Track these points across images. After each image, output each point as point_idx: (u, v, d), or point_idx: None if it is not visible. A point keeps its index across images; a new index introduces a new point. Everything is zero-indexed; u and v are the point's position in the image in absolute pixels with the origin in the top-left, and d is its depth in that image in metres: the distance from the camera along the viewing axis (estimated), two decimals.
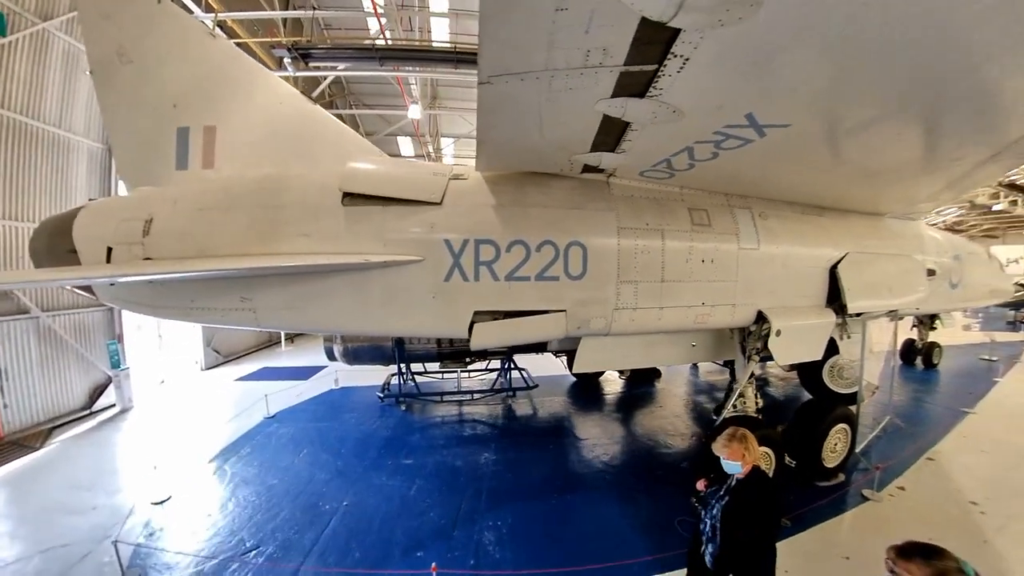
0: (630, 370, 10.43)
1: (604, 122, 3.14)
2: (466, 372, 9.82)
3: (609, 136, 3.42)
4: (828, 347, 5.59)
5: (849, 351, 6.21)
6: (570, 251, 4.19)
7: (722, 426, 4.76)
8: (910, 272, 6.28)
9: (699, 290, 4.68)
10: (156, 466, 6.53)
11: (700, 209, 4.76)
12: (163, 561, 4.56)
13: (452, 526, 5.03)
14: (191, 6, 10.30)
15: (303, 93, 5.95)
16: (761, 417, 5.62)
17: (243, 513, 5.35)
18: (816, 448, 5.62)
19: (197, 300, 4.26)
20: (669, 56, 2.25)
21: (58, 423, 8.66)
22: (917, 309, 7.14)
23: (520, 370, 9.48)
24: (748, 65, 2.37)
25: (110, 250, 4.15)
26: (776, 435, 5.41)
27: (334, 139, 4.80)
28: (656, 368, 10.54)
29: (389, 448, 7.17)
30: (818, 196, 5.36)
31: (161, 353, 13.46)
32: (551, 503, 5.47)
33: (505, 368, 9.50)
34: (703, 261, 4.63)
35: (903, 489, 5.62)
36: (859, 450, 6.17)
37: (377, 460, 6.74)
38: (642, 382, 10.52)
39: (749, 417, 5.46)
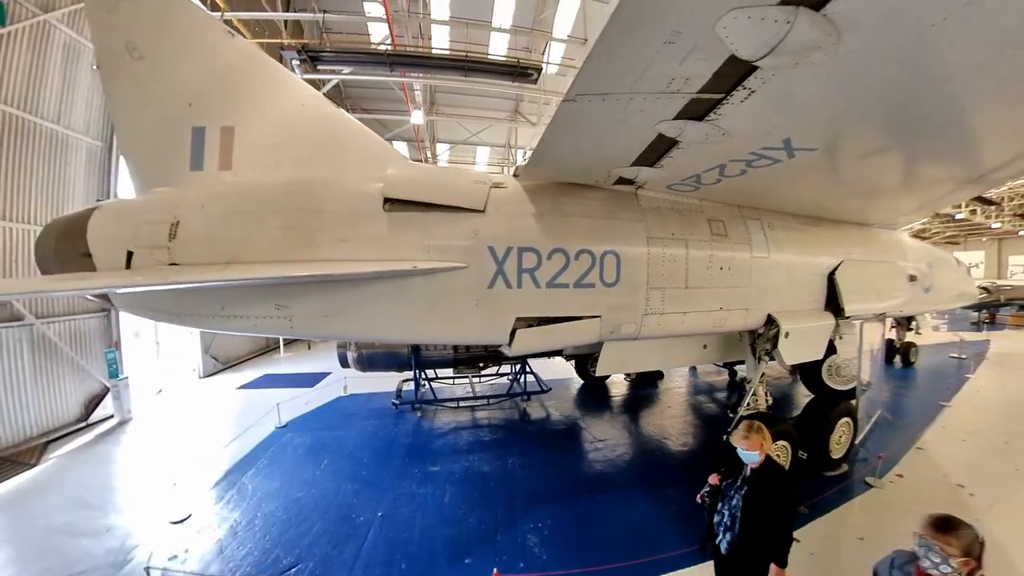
0: (635, 373, 10.74)
1: (655, 140, 3.37)
2: (478, 377, 9.87)
3: (654, 152, 3.66)
4: (827, 347, 6.04)
5: (845, 351, 6.73)
6: (605, 259, 4.37)
7: (738, 423, 5.09)
8: (895, 277, 6.88)
9: (717, 295, 4.99)
10: (176, 483, 6.21)
11: (718, 220, 5.08)
12: None
13: (495, 531, 5.03)
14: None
15: None
16: (772, 413, 6.00)
17: (273, 529, 5.11)
18: (824, 441, 6.02)
19: (228, 307, 4.02)
20: (738, 88, 2.53)
21: (53, 437, 8.19)
22: (901, 311, 7.75)
23: (534, 374, 9.64)
24: (802, 100, 2.66)
25: (130, 254, 3.88)
26: (791, 430, 5.78)
27: (361, 143, 4.68)
28: (659, 370, 10.91)
29: (413, 455, 7.14)
30: (818, 208, 5.81)
31: (158, 361, 12.79)
32: (585, 503, 5.56)
33: (519, 373, 9.63)
34: (721, 268, 4.95)
35: (901, 476, 6.07)
36: (857, 442, 6.64)
37: (403, 468, 6.67)
38: (647, 384, 10.86)
39: (762, 413, 5.81)
